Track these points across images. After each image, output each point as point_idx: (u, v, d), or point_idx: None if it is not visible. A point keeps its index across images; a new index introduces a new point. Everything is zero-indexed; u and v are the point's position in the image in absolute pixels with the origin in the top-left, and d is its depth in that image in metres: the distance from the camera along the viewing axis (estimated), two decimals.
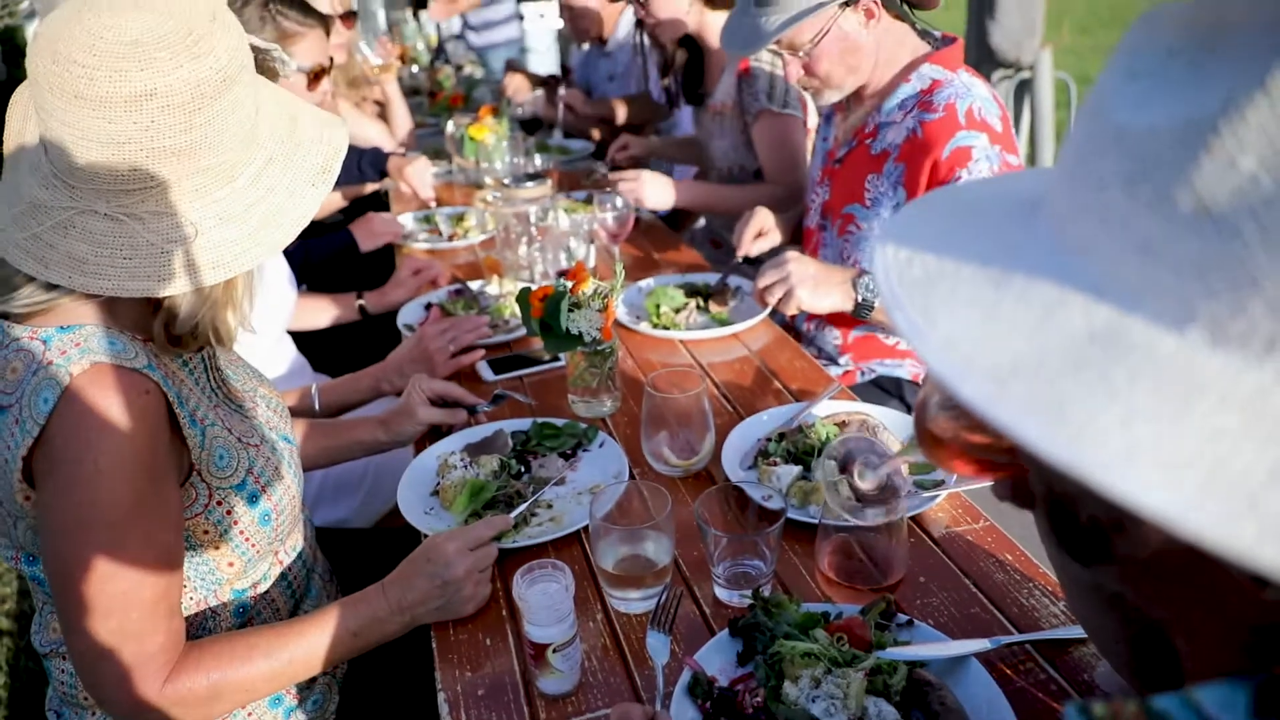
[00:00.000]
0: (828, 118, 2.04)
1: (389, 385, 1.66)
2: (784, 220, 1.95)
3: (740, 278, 1.99)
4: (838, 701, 0.91)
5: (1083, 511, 0.46)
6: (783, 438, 1.40)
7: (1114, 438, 0.36)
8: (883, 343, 1.93)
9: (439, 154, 3.14)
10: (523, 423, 1.50)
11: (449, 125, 2.83)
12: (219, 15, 0.99)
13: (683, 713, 0.95)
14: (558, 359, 1.68)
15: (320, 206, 1.07)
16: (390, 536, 1.65)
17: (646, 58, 3.45)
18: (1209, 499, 0.34)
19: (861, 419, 1.42)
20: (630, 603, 1.13)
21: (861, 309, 1.69)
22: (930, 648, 1.00)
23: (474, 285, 2.03)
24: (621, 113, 3.44)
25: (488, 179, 2.48)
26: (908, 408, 1.85)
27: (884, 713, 0.90)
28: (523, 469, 1.40)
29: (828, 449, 1.18)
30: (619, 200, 1.97)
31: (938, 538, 1.23)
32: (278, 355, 1.95)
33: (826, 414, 1.46)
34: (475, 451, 1.42)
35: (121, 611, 0.99)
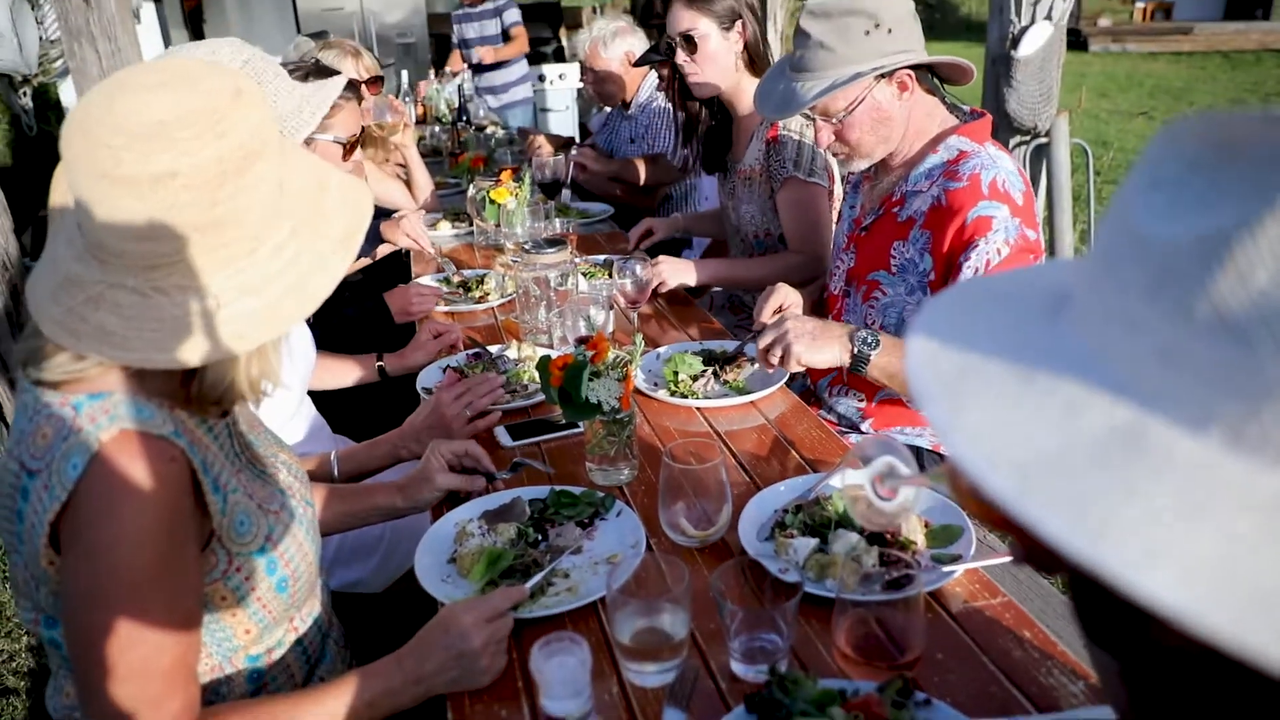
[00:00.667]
0: (855, 186, 2.07)
1: (407, 451, 1.68)
2: (805, 294, 1.98)
3: (754, 347, 2.01)
4: None
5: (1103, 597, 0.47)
6: (800, 509, 1.40)
7: (1134, 538, 0.37)
8: (905, 409, 1.94)
9: (460, 215, 3.20)
10: (540, 490, 1.51)
11: (470, 188, 2.88)
12: (243, 92, 1.01)
13: None
14: (576, 425, 1.69)
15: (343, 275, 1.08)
16: (403, 600, 1.65)
17: (673, 123, 3.52)
18: (1227, 600, 0.35)
19: None
20: (646, 676, 1.13)
21: (857, 362, 1.69)
22: None
23: (493, 349, 2.05)
24: (637, 172, 3.50)
25: (508, 243, 2.51)
26: None
27: None
28: (540, 537, 1.41)
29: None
30: (638, 267, 2.00)
31: (956, 613, 1.22)
32: (299, 416, 1.97)
33: (844, 485, 1.46)
34: (493, 519, 1.43)
35: (140, 677, 0.99)
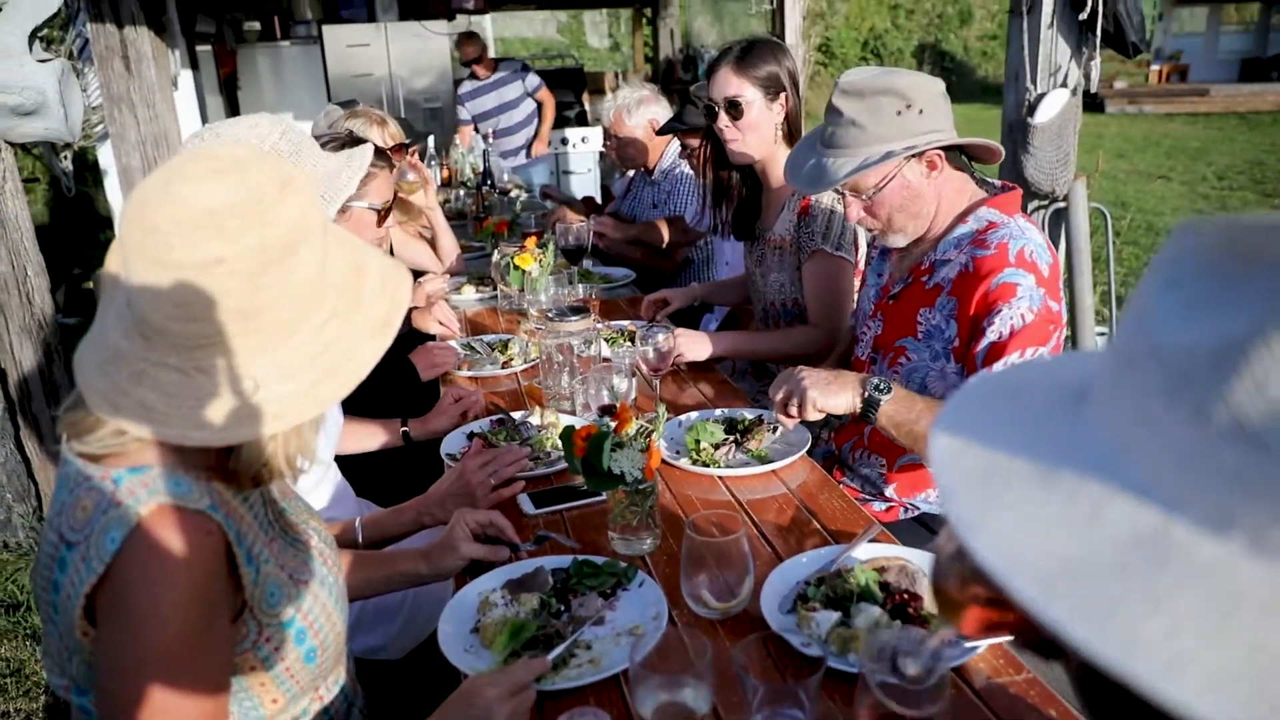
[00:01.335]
0: (883, 253, 2.10)
1: (430, 518, 1.69)
2: (824, 366, 2.01)
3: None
4: None
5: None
6: (822, 582, 1.40)
7: (1160, 647, 0.38)
8: (927, 473, 1.94)
9: (484, 279, 3.25)
10: (563, 559, 1.52)
11: (495, 254, 2.94)
12: (291, 182, 1.05)
13: None
14: (599, 494, 1.71)
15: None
16: (424, 668, 1.65)
17: (696, 188, 3.58)
18: (1257, 708, 0.35)
19: (901, 564, 1.42)
20: None
21: (868, 408, 1.71)
22: None
23: (516, 415, 2.08)
24: (659, 235, 3.56)
25: (532, 309, 2.56)
26: None
27: None
28: (563, 607, 1.41)
29: (866, 649, 1.17)
30: (660, 335, 2.03)
31: (979, 689, 1.21)
32: (324, 480, 1.99)
33: (866, 558, 1.47)
34: (516, 589, 1.44)
35: None
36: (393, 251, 3.10)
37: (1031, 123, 3.57)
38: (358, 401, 2.26)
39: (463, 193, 4.86)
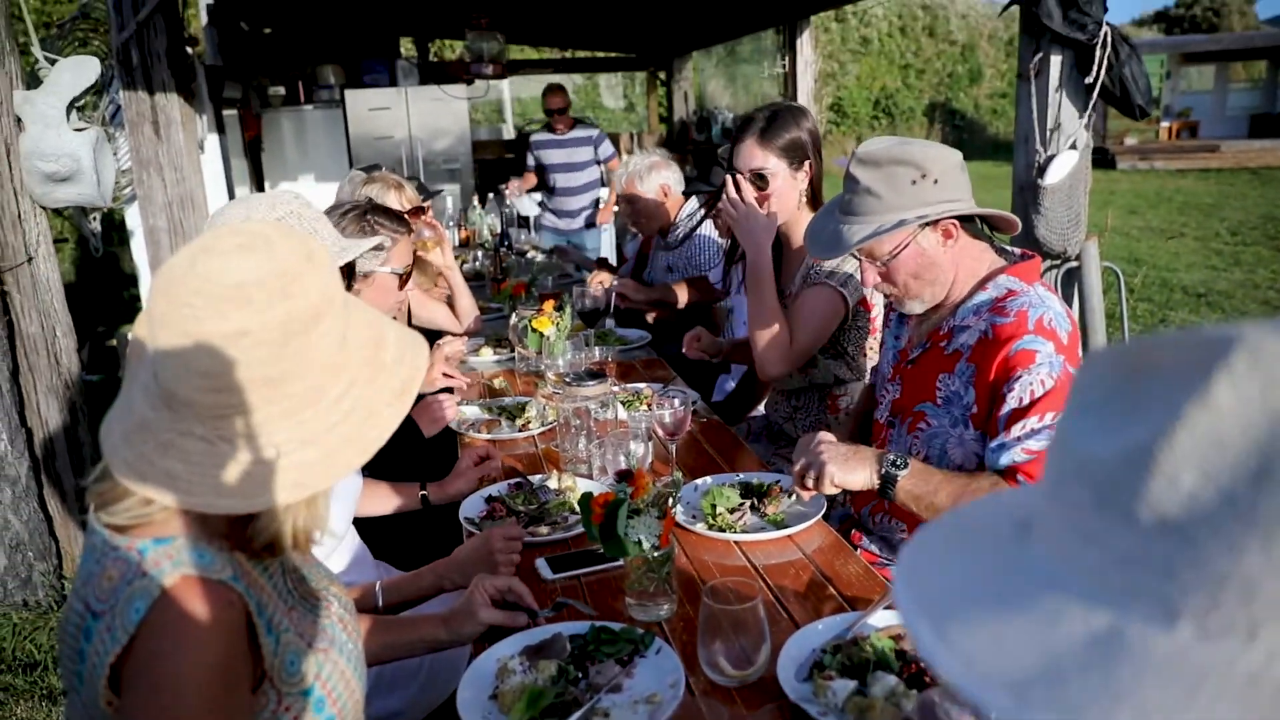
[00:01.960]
0: (900, 317, 2.13)
1: (450, 583, 1.71)
2: (840, 429, 2.02)
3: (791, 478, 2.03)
4: None
5: None
6: (838, 649, 1.40)
7: None
8: None
9: (502, 341, 3.30)
10: (581, 626, 1.53)
11: (513, 316, 2.99)
12: (314, 255, 1.09)
13: None
14: (616, 559, 1.72)
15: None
16: None
17: (709, 249, 3.63)
18: None
19: None
20: None
21: (885, 484, 1.73)
22: None
23: (534, 479, 2.09)
24: (680, 296, 3.60)
25: (549, 373, 2.59)
26: None
27: None
28: (580, 674, 1.42)
29: (914, 709, 1.18)
30: (676, 399, 2.05)
31: None
32: (342, 544, 2.01)
33: (883, 625, 1.46)
34: (534, 655, 1.44)
35: None
36: (411, 313, 3.15)
37: (1042, 184, 3.61)
38: (375, 463, 2.30)
39: (480, 254, 4.94)
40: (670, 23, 7.62)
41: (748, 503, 1.92)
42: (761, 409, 3.05)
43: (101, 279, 8.57)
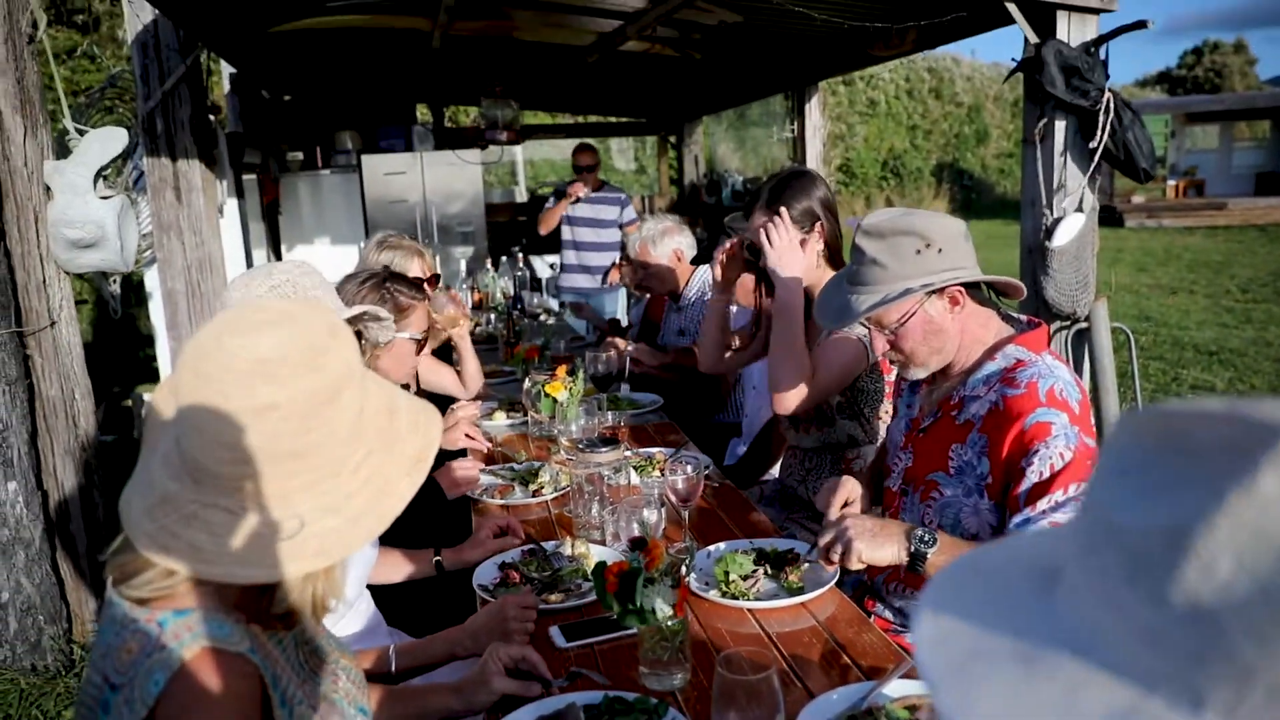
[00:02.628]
0: (912, 386, 2.15)
1: (463, 650, 1.71)
2: (865, 488, 2.04)
3: (804, 544, 2.03)
4: None
5: None
6: (853, 719, 1.40)
7: None
8: None
9: (515, 405, 3.32)
10: (594, 696, 1.52)
11: (526, 381, 3.01)
12: (337, 331, 1.12)
13: None
14: (631, 627, 1.71)
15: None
16: None
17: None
18: None
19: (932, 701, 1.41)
20: None
21: (915, 560, 1.73)
22: None
23: (548, 546, 2.10)
24: (693, 359, 3.63)
25: (563, 439, 2.61)
26: None
27: None
28: None
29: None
30: (688, 466, 2.06)
31: None
32: (355, 610, 2.01)
33: (898, 695, 1.46)
34: None
35: None
36: (418, 378, 3.18)
37: (1050, 246, 3.64)
38: (390, 526, 2.31)
39: (494, 317, 4.99)
40: (680, 89, 7.79)
41: (761, 569, 1.92)
42: (775, 472, 3.06)
43: (118, 339, 8.68)
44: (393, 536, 2.19)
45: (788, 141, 6.68)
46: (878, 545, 1.74)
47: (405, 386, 2.52)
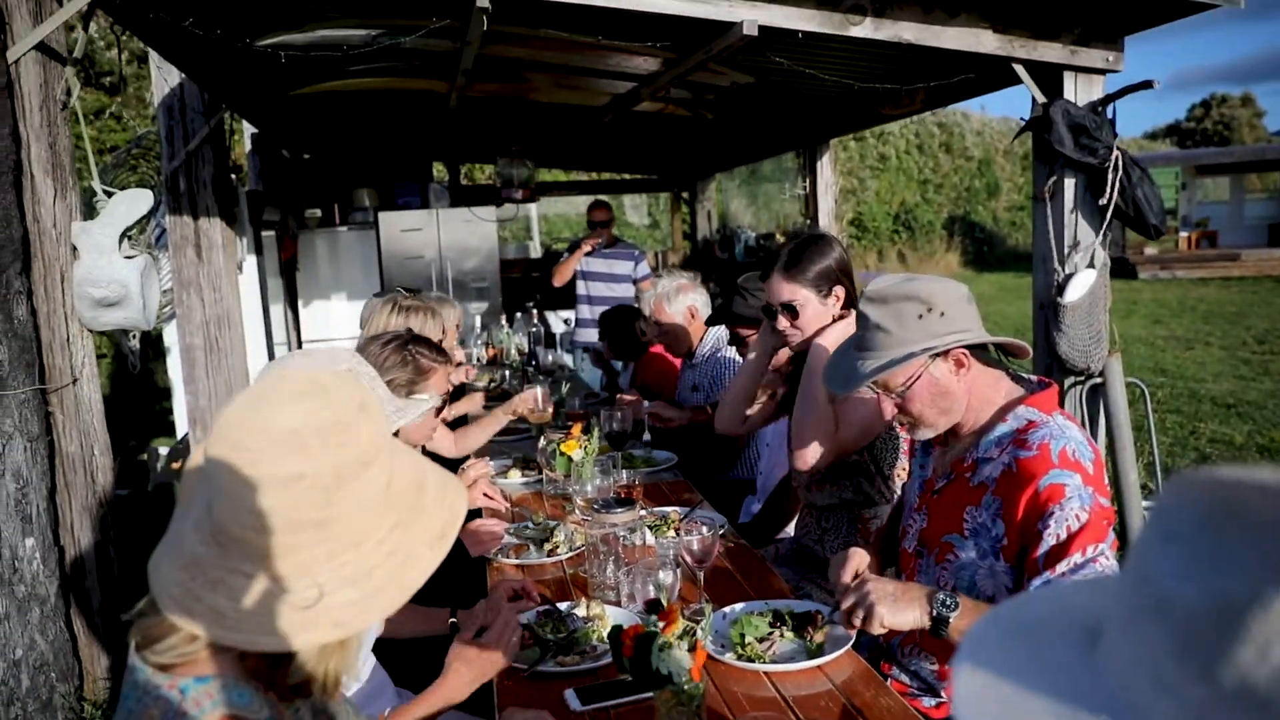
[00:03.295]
0: (925, 447, 2.15)
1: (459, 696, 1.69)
2: (875, 556, 2.04)
3: (822, 605, 2.02)
4: None
5: None
6: None
7: None
8: None
9: (530, 463, 3.33)
10: None
11: (541, 439, 3.03)
12: (367, 405, 1.14)
13: None
14: (645, 689, 1.70)
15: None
16: None
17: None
18: None
19: None
20: None
21: (937, 625, 1.71)
22: None
23: (563, 606, 2.09)
24: (709, 418, 3.64)
25: (578, 499, 2.61)
26: None
27: None
28: None
29: None
30: (704, 527, 2.06)
31: None
32: (363, 672, 2.01)
33: None
34: None
35: None
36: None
37: (1062, 302, 3.66)
38: None
39: (508, 373, 5.01)
40: (693, 148, 7.91)
41: (777, 631, 1.91)
42: (790, 530, 3.04)
43: (136, 393, 8.76)
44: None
45: (800, 198, 6.75)
46: (900, 609, 1.73)
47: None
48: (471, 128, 7.12)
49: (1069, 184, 3.64)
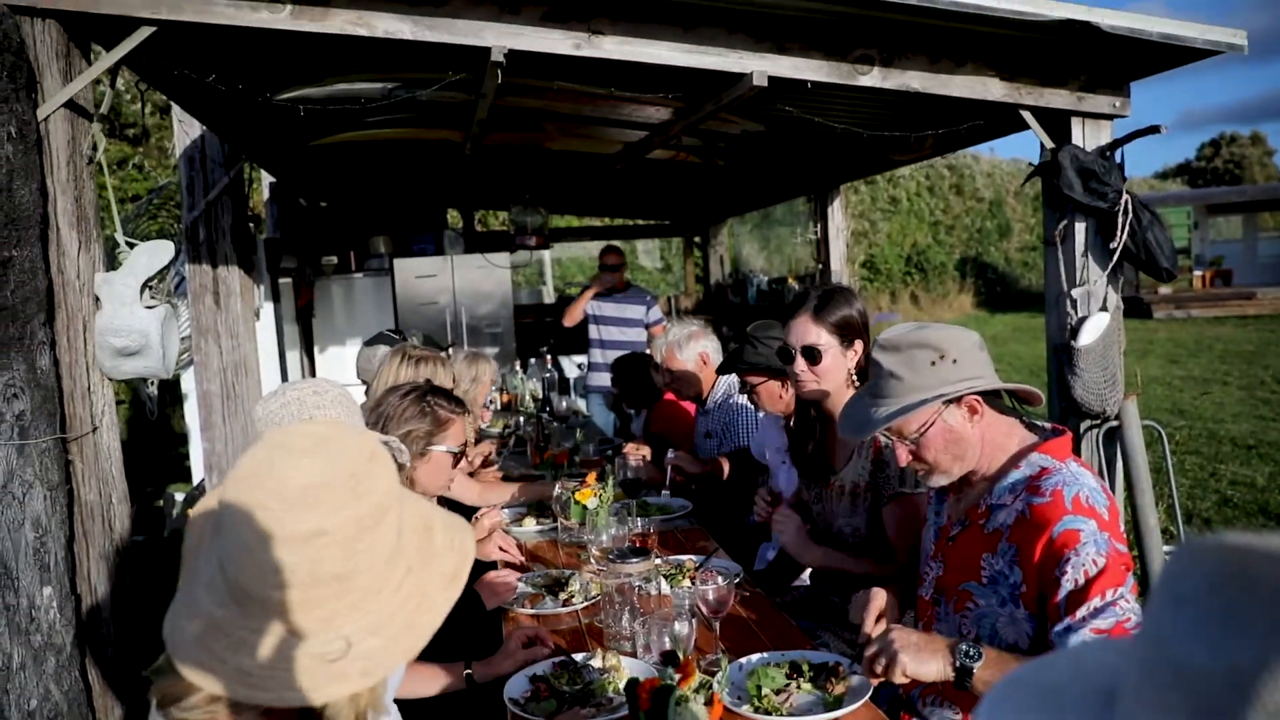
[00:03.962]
0: (939, 496, 2.15)
1: None
2: (894, 599, 2.04)
3: (839, 655, 2.01)
4: None
5: None
6: None
7: None
8: None
9: (544, 510, 3.32)
10: None
11: (556, 487, 3.03)
12: (376, 455, 1.16)
13: None
14: None
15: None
16: None
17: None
18: None
19: None
20: None
21: (961, 676, 1.70)
22: None
23: (578, 657, 2.08)
24: (723, 469, 3.64)
25: (593, 548, 2.61)
26: None
27: None
28: None
29: None
30: (720, 577, 2.06)
31: None
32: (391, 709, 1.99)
33: None
34: None
35: None
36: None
37: (1075, 346, 3.66)
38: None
39: (523, 419, 5.03)
40: (705, 194, 7.98)
41: (794, 682, 1.89)
42: (805, 578, 3.03)
43: (153, 438, 8.81)
44: (424, 648, 2.19)
45: (812, 243, 6.80)
46: (923, 660, 1.72)
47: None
48: (486, 175, 7.22)
49: (1079, 228, 3.66)
